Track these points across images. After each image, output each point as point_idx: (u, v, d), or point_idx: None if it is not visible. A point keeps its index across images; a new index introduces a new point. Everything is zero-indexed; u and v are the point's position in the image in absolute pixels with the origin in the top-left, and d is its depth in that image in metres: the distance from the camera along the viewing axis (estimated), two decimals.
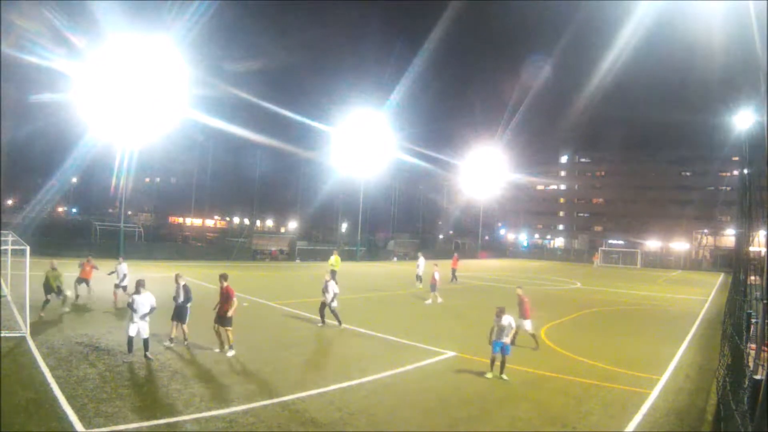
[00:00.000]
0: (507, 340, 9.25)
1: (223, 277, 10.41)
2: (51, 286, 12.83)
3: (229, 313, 10.01)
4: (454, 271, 27.07)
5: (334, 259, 22.29)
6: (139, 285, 9.50)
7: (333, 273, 21.23)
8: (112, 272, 14.99)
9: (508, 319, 9.27)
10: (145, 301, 9.34)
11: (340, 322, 13.15)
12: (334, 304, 13.20)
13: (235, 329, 10.26)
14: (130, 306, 9.32)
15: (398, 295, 21.52)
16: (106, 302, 14.48)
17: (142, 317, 9.21)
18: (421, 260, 24.49)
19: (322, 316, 13.31)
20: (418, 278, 23.37)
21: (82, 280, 14.93)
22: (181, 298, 10.30)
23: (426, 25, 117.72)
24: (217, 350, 10.01)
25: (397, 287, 24.11)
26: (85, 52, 27.57)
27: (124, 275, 14.84)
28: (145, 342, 9.28)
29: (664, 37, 47.55)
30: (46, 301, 12.56)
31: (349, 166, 44.39)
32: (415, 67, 55.10)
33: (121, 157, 31.45)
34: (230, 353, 9.83)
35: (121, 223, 31.40)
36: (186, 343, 10.23)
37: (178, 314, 10.23)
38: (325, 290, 13.12)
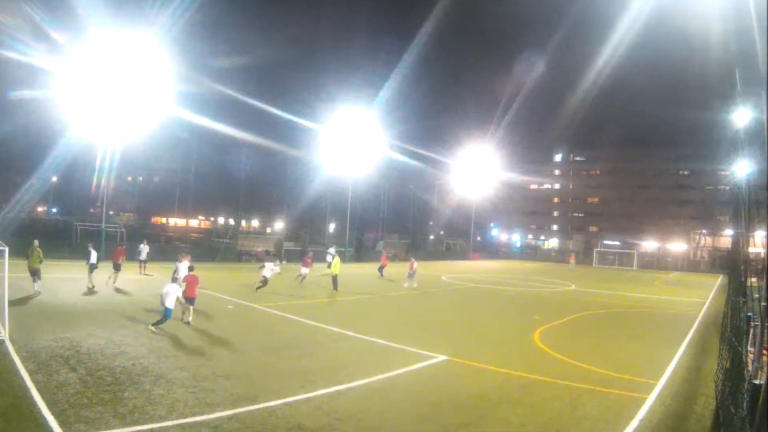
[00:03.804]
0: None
1: (190, 268, 13.66)
2: (34, 265, 14.79)
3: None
4: (381, 268, 29.56)
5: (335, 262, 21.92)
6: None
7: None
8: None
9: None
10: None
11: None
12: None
13: (220, 333, 11.89)
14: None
15: (388, 298, 21.31)
16: (88, 305, 14.44)
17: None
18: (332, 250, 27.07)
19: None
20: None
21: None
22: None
23: (416, 19, 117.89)
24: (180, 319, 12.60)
25: (387, 289, 23.89)
26: (66, 48, 27.10)
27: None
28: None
29: (661, 32, 47.56)
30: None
31: (337, 164, 43.57)
32: (405, 63, 54.61)
33: (102, 156, 31.19)
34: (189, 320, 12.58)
35: (102, 223, 30.99)
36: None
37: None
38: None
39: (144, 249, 23.16)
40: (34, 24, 26.82)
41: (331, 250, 29.85)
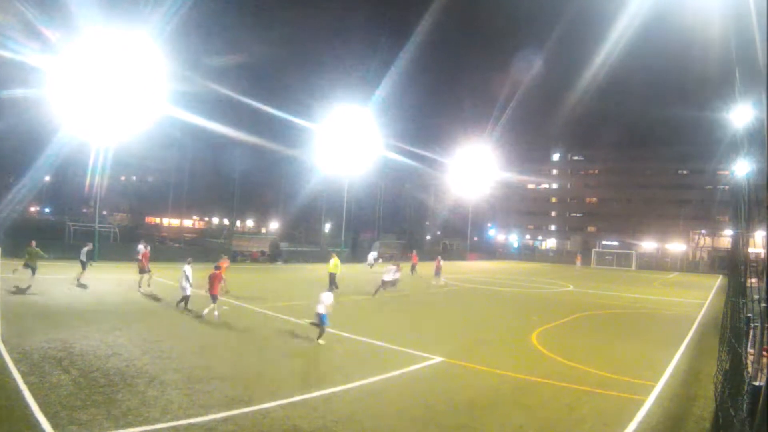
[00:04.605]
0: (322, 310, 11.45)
1: (216, 267, 14.16)
2: (31, 263, 15.79)
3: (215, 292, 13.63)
4: (414, 266, 30.52)
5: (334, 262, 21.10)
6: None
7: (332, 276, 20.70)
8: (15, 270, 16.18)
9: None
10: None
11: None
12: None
13: (215, 334, 12.02)
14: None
15: (383, 298, 21.15)
16: (81, 305, 14.43)
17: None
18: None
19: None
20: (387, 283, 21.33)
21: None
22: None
23: (413, 16, 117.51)
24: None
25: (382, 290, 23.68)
26: (59, 46, 26.65)
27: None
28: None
29: (660, 30, 47.45)
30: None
31: (333, 164, 43.05)
32: (401, 61, 54.20)
33: (96, 155, 30.88)
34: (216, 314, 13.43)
35: (95, 223, 30.76)
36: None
37: None
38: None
39: (142, 249, 23.06)
40: (27, 22, 26.47)
41: (374, 253, 29.27)
